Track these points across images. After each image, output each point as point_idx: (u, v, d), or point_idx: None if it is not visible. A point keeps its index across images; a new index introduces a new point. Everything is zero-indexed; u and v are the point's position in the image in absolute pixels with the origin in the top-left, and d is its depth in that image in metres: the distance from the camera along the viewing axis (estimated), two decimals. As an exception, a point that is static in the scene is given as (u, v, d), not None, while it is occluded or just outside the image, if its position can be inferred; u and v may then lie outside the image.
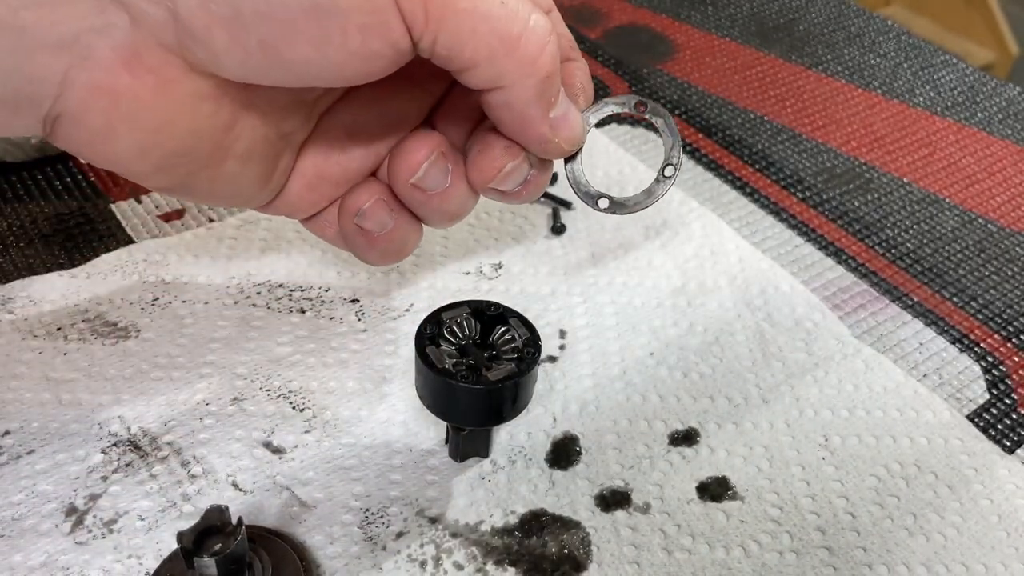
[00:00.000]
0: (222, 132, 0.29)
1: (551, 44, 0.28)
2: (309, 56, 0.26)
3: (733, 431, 0.37)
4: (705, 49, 0.64)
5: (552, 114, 0.30)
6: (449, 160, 0.32)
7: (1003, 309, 0.45)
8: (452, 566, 0.32)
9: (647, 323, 0.42)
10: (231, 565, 0.27)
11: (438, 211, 0.33)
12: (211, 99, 0.28)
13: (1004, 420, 0.40)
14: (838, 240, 0.48)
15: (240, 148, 0.29)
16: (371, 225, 0.32)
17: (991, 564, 0.34)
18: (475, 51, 0.27)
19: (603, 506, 0.34)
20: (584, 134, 0.32)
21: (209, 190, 0.30)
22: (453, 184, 0.32)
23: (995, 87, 0.62)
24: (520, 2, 0.27)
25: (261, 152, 0.30)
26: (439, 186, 0.32)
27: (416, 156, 0.31)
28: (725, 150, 0.54)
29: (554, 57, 0.28)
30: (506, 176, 0.31)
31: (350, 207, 0.33)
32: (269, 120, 0.30)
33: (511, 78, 0.28)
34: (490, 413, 0.32)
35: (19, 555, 0.31)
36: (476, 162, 0.31)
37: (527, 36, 0.27)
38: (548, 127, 0.30)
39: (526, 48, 0.27)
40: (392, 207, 0.33)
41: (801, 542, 0.34)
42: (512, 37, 0.27)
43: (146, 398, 0.36)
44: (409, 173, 0.31)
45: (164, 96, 0.27)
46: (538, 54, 0.28)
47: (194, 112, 0.27)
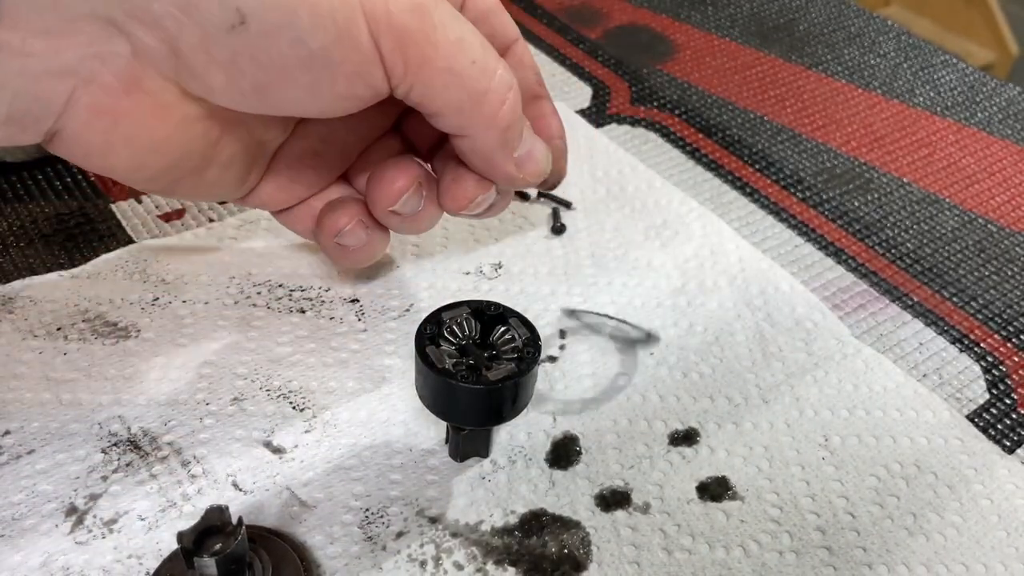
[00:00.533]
0: (210, 147, 0.31)
1: (512, 98, 0.31)
2: (299, 97, 0.28)
3: (733, 431, 0.37)
4: (705, 49, 0.64)
5: (516, 154, 0.32)
6: (425, 188, 0.35)
7: (1003, 309, 0.45)
8: (452, 566, 0.32)
9: (647, 323, 0.42)
10: (231, 565, 0.27)
11: (410, 229, 0.36)
12: (202, 120, 0.29)
13: (1004, 420, 0.40)
14: (838, 240, 0.49)
15: (223, 157, 0.31)
16: (349, 242, 0.36)
17: (991, 564, 0.34)
18: (445, 104, 0.30)
19: (603, 506, 0.34)
20: (548, 165, 0.35)
21: (190, 192, 0.33)
22: (426, 208, 0.35)
23: (995, 87, 0.63)
24: (488, 57, 0.30)
25: (241, 159, 0.32)
26: (414, 211, 0.35)
27: (396, 187, 0.34)
28: (725, 150, 0.54)
29: (514, 109, 0.31)
30: (476, 205, 0.35)
31: (330, 228, 0.36)
32: (252, 133, 0.32)
33: (476, 129, 0.31)
34: (490, 413, 0.32)
35: (19, 555, 0.31)
36: (450, 191, 0.34)
37: (491, 92, 0.30)
38: (513, 167, 0.33)
39: (490, 104, 0.30)
40: (368, 225, 0.36)
41: (801, 542, 0.34)
42: (478, 93, 0.30)
43: (146, 398, 0.36)
44: (389, 202, 0.34)
45: (160, 119, 0.28)
46: (499, 108, 0.30)
47: (187, 132, 0.29)
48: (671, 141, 0.54)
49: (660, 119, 0.56)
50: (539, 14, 0.65)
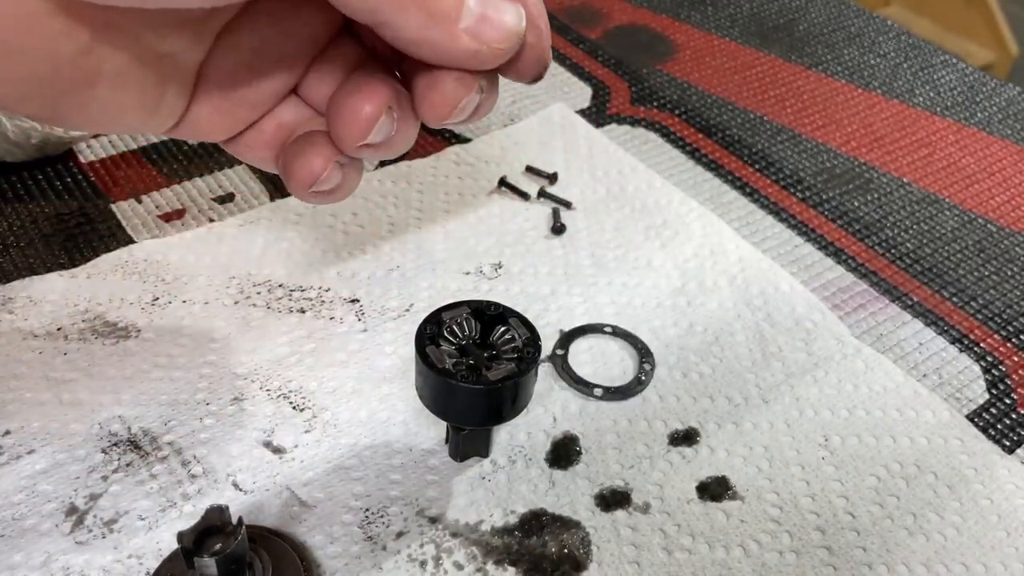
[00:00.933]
0: (83, 56, 0.26)
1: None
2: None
3: (733, 431, 0.37)
4: (705, 49, 0.64)
5: (463, 25, 0.26)
6: (396, 107, 0.29)
7: (1003, 309, 0.45)
8: (452, 566, 0.32)
9: (647, 323, 0.42)
10: (231, 565, 0.27)
11: (386, 154, 0.31)
12: (58, 17, 0.25)
13: (1004, 420, 0.40)
14: (838, 240, 0.49)
15: (109, 71, 0.27)
16: (326, 187, 0.31)
17: (991, 564, 0.34)
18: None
19: (603, 506, 0.34)
20: (520, 25, 0.28)
21: (84, 117, 0.28)
22: (400, 127, 0.30)
23: (995, 87, 0.63)
24: None
25: (138, 76, 0.28)
26: (387, 136, 0.30)
27: (363, 116, 0.29)
28: (725, 150, 0.54)
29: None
30: (460, 111, 0.29)
31: (304, 178, 0.30)
32: (141, 42, 0.27)
33: (386, 10, 0.25)
34: (490, 413, 0.32)
35: (19, 555, 0.31)
36: (426, 100, 0.29)
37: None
38: (467, 40, 0.27)
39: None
40: (343, 162, 0.31)
41: (801, 542, 0.34)
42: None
43: (146, 398, 0.36)
44: (359, 137, 0.29)
45: (6, 17, 0.24)
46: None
47: (41, 33, 0.25)
48: (671, 141, 0.54)
49: (660, 119, 0.56)
50: (539, 14, 0.65)
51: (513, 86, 0.57)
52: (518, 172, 0.50)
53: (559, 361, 0.39)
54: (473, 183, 0.49)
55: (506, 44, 0.27)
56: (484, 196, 0.48)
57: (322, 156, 0.30)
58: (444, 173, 0.49)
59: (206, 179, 0.48)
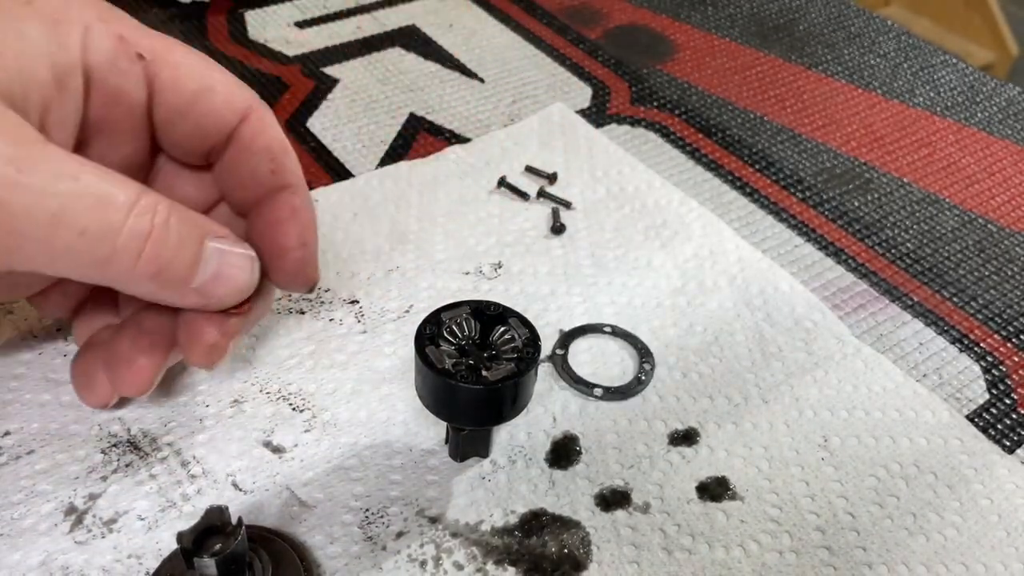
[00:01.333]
0: None
1: (152, 247, 0.27)
2: None
3: (733, 431, 0.37)
4: (705, 49, 0.64)
5: (196, 284, 0.29)
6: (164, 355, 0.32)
7: (1003, 309, 0.45)
8: (452, 566, 0.32)
9: (647, 323, 0.42)
10: (231, 565, 0.27)
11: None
12: None
13: (1004, 420, 0.40)
14: (838, 240, 0.48)
15: None
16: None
17: (991, 564, 0.34)
18: (68, 274, 0.27)
19: (603, 506, 0.34)
20: (253, 276, 0.30)
21: None
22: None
23: (995, 87, 0.62)
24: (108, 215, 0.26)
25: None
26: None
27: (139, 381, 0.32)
28: (725, 150, 0.54)
29: (159, 255, 0.27)
30: (219, 349, 0.31)
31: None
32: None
33: (121, 286, 0.28)
34: (490, 413, 0.32)
35: (18, 555, 0.31)
36: (188, 344, 0.31)
37: (118, 255, 0.26)
38: (196, 298, 0.29)
39: (120, 265, 0.27)
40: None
41: (801, 542, 0.34)
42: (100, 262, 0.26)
43: (146, 398, 0.36)
44: (140, 391, 0.33)
45: None
46: (133, 264, 0.27)
47: None
48: (671, 141, 0.54)
49: (660, 119, 0.56)
50: (539, 14, 0.65)
51: (513, 86, 0.57)
52: (518, 172, 0.50)
53: (559, 361, 0.39)
54: (473, 183, 0.49)
55: (233, 298, 0.30)
56: (484, 196, 0.48)
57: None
58: (444, 173, 0.49)
59: (206, 179, 0.48)
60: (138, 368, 0.32)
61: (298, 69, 0.57)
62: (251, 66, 0.57)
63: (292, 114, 0.53)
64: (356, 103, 0.55)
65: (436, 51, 0.60)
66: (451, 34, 0.62)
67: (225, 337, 0.31)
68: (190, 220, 0.28)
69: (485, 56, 0.60)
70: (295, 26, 0.61)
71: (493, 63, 0.60)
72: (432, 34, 0.62)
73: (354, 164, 0.50)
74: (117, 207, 0.26)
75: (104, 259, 0.26)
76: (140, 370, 0.32)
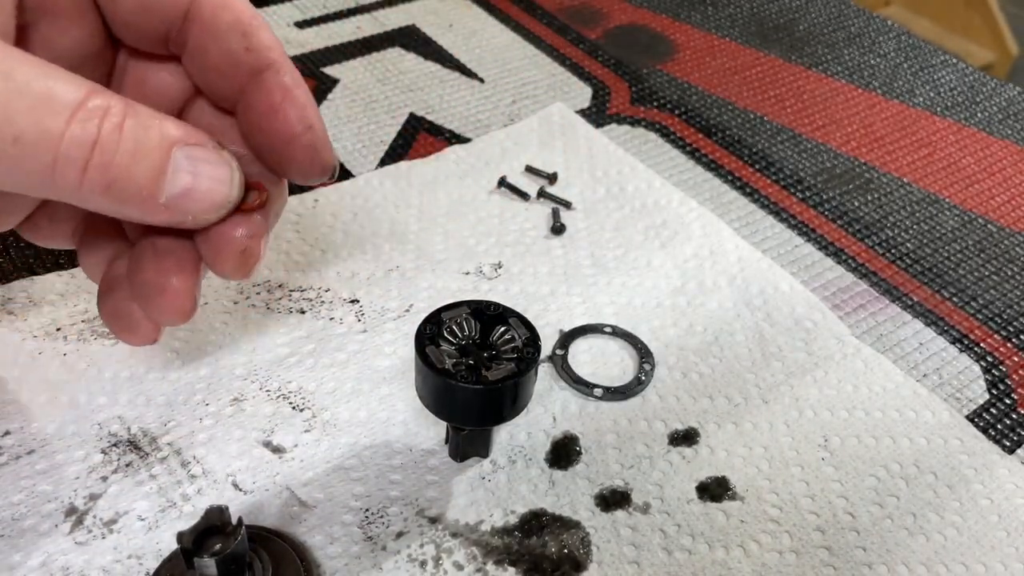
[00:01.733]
0: None
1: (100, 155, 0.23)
2: None
3: (733, 431, 0.37)
4: (705, 49, 0.64)
5: (164, 199, 0.25)
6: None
7: (1003, 309, 0.45)
8: (452, 566, 0.32)
9: (647, 323, 0.42)
10: (231, 565, 0.27)
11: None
12: None
13: (1004, 420, 0.40)
14: (838, 240, 0.48)
15: None
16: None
17: (991, 564, 0.34)
18: (12, 187, 0.24)
19: (603, 506, 0.34)
20: (233, 188, 0.26)
21: None
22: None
23: (995, 87, 0.62)
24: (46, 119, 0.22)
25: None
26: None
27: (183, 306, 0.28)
28: (725, 150, 0.54)
29: (107, 165, 0.23)
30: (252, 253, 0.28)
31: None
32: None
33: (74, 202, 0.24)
34: (490, 413, 0.32)
35: (19, 555, 0.31)
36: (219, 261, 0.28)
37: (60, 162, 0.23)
38: (169, 214, 0.25)
39: (65, 176, 0.23)
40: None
41: (801, 542, 0.34)
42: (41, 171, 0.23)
43: (145, 398, 0.36)
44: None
45: None
46: (80, 177, 0.23)
47: None
48: (671, 141, 0.54)
49: (660, 119, 0.56)
50: (539, 14, 0.65)
51: (513, 86, 0.57)
52: (518, 172, 0.50)
53: (559, 361, 0.39)
54: (473, 183, 0.49)
55: (213, 213, 0.26)
56: (484, 196, 0.48)
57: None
58: (444, 173, 0.49)
59: (206, 179, 0.48)
60: (173, 292, 0.28)
61: (298, 69, 0.57)
62: (251, 66, 0.57)
63: (292, 114, 0.53)
64: (356, 103, 0.55)
65: (436, 51, 0.60)
66: (451, 34, 0.62)
67: (255, 239, 0.28)
68: (152, 124, 0.24)
69: (485, 56, 0.60)
70: (295, 26, 0.61)
71: (493, 63, 0.60)
72: (432, 34, 0.62)
73: (354, 164, 0.50)
74: (57, 109, 0.22)
75: (45, 170, 0.23)
76: (176, 294, 0.28)
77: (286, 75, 0.28)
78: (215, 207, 0.26)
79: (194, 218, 0.26)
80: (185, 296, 0.28)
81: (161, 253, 0.28)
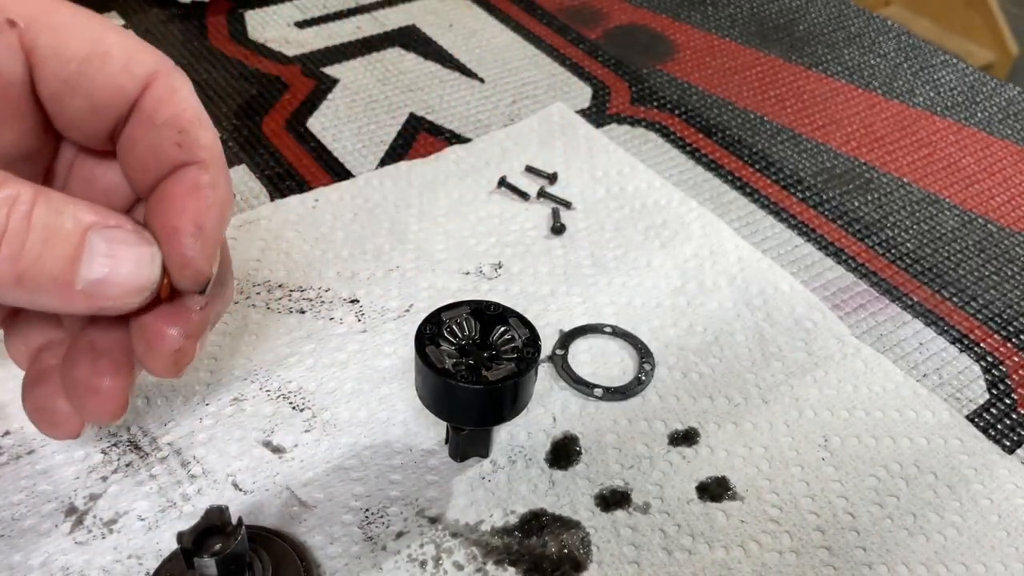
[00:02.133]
0: None
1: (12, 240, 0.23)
2: None
3: (733, 431, 0.37)
4: (705, 49, 0.64)
5: (80, 286, 0.24)
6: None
7: (1003, 309, 0.45)
8: (452, 566, 0.32)
9: (647, 323, 0.42)
10: (231, 565, 0.27)
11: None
12: None
13: (1004, 420, 0.40)
14: (838, 240, 0.48)
15: None
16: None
17: (991, 564, 0.34)
18: None
19: (603, 506, 0.34)
20: (153, 272, 0.25)
21: None
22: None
23: (995, 87, 0.62)
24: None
25: None
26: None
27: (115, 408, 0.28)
28: (725, 150, 0.54)
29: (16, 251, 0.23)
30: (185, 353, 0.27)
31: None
32: None
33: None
34: (490, 413, 0.32)
35: (19, 555, 0.31)
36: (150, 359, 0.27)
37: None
38: (87, 303, 0.24)
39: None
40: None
41: (801, 542, 0.34)
42: None
43: (146, 398, 0.36)
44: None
45: None
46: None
47: None
48: (671, 141, 0.54)
49: (660, 119, 0.56)
50: (539, 14, 0.65)
51: (513, 86, 0.57)
52: (518, 172, 0.50)
53: (559, 361, 0.39)
54: (473, 183, 0.49)
55: (132, 298, 0.25)
56: (484, 196, 0.48)
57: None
58: (444, 173, 0.49)
59: (206, 179, 0.48)
60: (106, 394, 0.28)
61: (298, 69, 0.57)
62: (251, 66, 0.57)
63: (292, 114, 0.53)
64: (356, 103, 0.55)
65: (436, 51, 0.60)
66: (451, 34, 0.62)
67: (190, 339, 0.27)
68: (65, 209, 0.23)
69: (485, 56, 0.60)
70: (295, 26, 0.61)
71: (493, 63, 0.60)
72: (432, 34, 0.62)
73: (354, 164, 0.50)
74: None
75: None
76: (108, 395, 0.28)
77: (206, 174, 0.26)
78: (138, 290, 0.25)
79: (115, 303, 0.25)
80: (118, 398, 0.28)
81: (99, 352, 0.28)
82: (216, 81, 0.55)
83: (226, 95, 0.54)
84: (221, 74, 0.56)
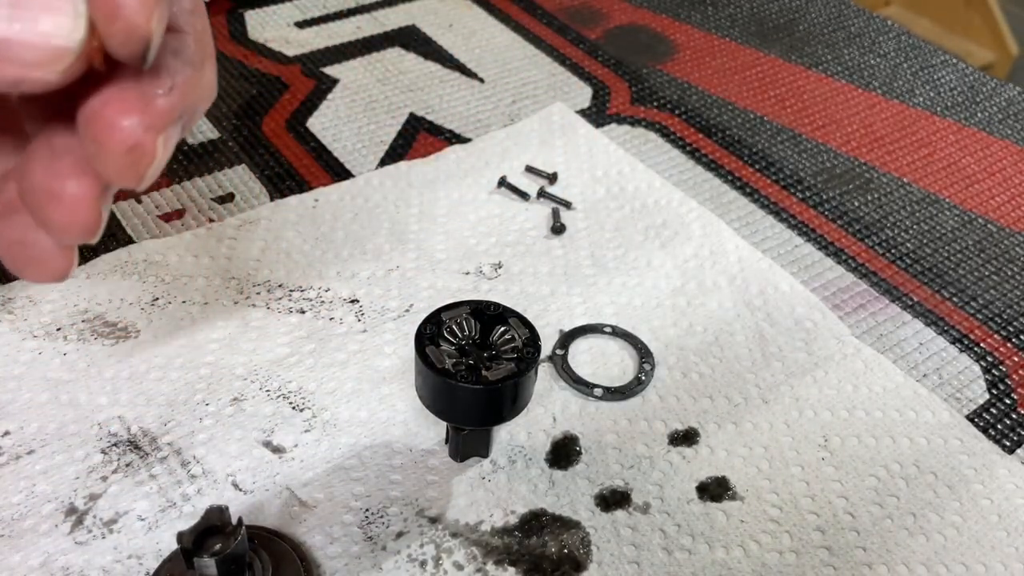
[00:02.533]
0: None
1: None
2: None
3: (733, 431, 0.37)
4: (705, 49, 0.64)
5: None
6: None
7: (1003, 309, 0.45)
8: (452, 566, 0.32)
9: (647, 323, 0.42)
10: (231, 565, 0.27)
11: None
12: None
13: (1004, 420, 0.40)
14: (838, 240, 0.48)
15: None
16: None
17: (991, 564, 0.34)
18: None
19: (603, 506, 0.34)
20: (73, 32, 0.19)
21: None
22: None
23: (995, 87, 0.62)
24: None
25: None
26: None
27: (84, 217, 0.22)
28: (725, 150, 0.54)
29: None
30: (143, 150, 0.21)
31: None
32: None
33: None
34: (490, 413, 0.32)
35: (18, 555, 0.31)
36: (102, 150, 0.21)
37: None
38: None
39: None
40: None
41: (801, 542, 0.34)
42: None
43: (146, 398, 0.36)
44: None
45: None
46: None
47: None
48: (671, 141, 0.54)
49: (660, 119, 0.56)
50: (539, 14, 0.65)
51: (513, 86, 0.57)
52: (518, 172, 0.50)
53: (559, 361, 0.39)
54: (473, 183, 0.49)
55: (56, 65, 0.20)
56: (484, 196, 0.48)
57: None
58: (444, 173, 0.49)
59: (206, 179, 0.48)
60: (70, 200, 0.22)
61: (298, 69, 0.57)
62: (251, 66, 0.57)
63: (292, 114, 0.53)
64: (356, 103, 0.55)
65: (436, 51, 0.60)
66: (451, 34, 0.62)
67: (150, 131, 0.21)
68: None
69: (485, 56, 0.60)
70: (295, 26, 0.61)
71: (493, 63, 0.60)
72: (432, 34, 0.62)
73: (354, 164, 0.50)
74: None
75: None
76: (74, 202, 0.22)
77: None
78: (55, 52, 0.20)
79: (27, 72, 0.19)
80: (85, 204, 0.22)
81: (58, 152, 0.22)
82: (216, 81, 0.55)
83: (226, 95, 0.54)
84: (221, 74, 0.56)
